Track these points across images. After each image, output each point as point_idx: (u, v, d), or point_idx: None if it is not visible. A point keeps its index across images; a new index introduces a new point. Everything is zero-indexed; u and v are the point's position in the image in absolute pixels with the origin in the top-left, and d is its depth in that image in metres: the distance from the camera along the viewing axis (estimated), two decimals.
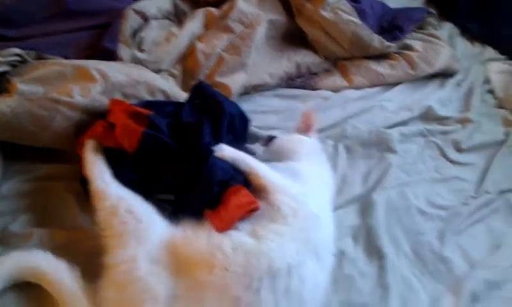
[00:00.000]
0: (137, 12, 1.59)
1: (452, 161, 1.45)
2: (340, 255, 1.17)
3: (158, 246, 0.99)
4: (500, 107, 1.66)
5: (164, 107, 1.28)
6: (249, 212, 1.03)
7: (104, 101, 1.29)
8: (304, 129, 1.33)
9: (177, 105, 1.30)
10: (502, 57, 1.86)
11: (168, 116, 1.24)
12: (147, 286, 0.93)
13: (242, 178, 1.10)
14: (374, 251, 1.19)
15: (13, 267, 1.02)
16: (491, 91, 1.71)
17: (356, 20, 1.66)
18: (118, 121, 1.16)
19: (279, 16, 1.69)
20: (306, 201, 1.05)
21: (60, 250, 1.06)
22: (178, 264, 0.96)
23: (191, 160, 1.12)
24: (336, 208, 1.26)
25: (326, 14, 1.63)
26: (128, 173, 1.16)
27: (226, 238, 0.98)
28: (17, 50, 1.36)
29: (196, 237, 0.99)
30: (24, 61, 1.38)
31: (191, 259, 0.96)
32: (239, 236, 0.98)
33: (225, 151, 1.14)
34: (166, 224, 1.04)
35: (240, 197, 1.04)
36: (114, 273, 0.96)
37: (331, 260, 1.06)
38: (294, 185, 1.08)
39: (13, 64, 1.35)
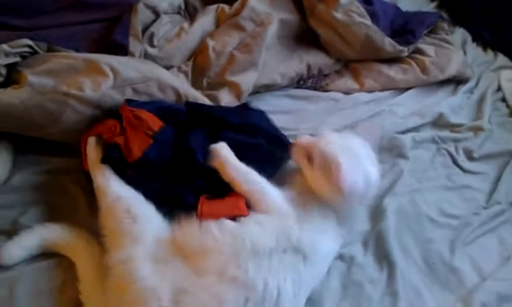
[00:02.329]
0: (148, 6, 1.57)
1: (463, 169, 1.43)
2: (350, 261, 1.17)
3: (157, 244, 1.00)
4: None
5: (178, 116, 1.26)
6: (235, 215, 1.05)
7: (114, 96, 1.28)
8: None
9: (191, 116, 1.28)
10: None
11: (179, 126, 1.22)
12: (148, 286, 0.93)
13: None
14: (383, 257, 1.18)
15: (37, 238, 1.09)
16: (503, 99, 1.69)
17: (369, 22, 1.64)
18: (127, 129, 1.17)
19: (291, 16, 1.67)
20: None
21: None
22: (179, 257, 0.98)
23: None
24: None
25: (338, 15, 1.61)
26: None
27: (211, 224, 1.01)
28: (28, 41, 1.34)
29: (189, 228, 1.02)
30: (34, 52, 1.36)
31: (188, 249, 0.99)
32: (223, 221, 1.02)
33: (222, 150, 1.14)
34: (164, 223, 1.05)
35: (237, 202, 1.08)
36: (114, 275, 0.97)
37: (323, 267, 1.08)
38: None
39: (23, 56, 1.34)
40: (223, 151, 1.14)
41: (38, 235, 1.09)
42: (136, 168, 1.13)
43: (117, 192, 1.08)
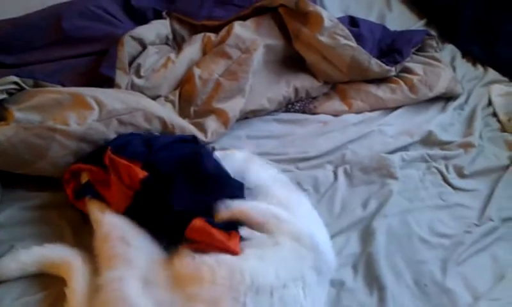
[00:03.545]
0: (134, 38, 1.59)
1: (454, 187, 1.41)
2: (339, 286, 1.14)
3: (150, 267, 1.01)
4: (504, 130, 1.63)
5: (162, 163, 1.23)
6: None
7: (99, 128, 1.29)
8: None
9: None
10: (504, 79, 1.83)
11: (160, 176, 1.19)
12: (136, 305, 0.94)
13: None
14: (374, 281, 1.16)
15: (34, 254, 1.10)
16: (494, 114, 1.68)
17: (354, 44, 1.65)
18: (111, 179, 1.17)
19: (276, 41, 1.68)
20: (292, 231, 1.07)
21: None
22: (171, 281, 0.99)
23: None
24: (336, 234, 1.23)
25: (323, 39, 1.62)
26: None
27: (206, 255, 1.00)
28: (14, 78, 1.36)
29: (184, 254, 1.02)
30: (21, 89, 1.38)
31: (181, 274, 0.99)
32: (220, 254, 1.01)
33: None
34: (157, 247, 1.07)
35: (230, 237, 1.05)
36: (103, 293, 0.98)
37: (325, 287, 1.07)
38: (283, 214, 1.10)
39: (9, 92, 1.36)
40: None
41: (35, 251, 1.11)
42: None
43: (112, 221, 1.11)
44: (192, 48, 1.66)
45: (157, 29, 1.70)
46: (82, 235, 1.18)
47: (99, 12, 1.70)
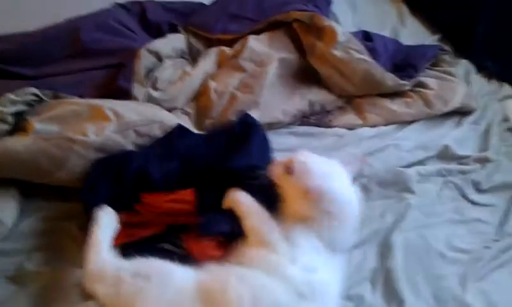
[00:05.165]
0: (151, 52, 1.61)
1: (472, 202, 1.40)
2: (358, 300, 1.14)
3: (181, 291, 0.98)
4: None
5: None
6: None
7: (117, 139, 1.31)
8: None
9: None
10: None
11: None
12: None
13: None
14: (393, 296, 1.15)
15: None
16: (510, 129, 1.67)
17: (368, 58, 1.65)
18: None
19: (290, 55, 1.69)
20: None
21: (73, 289, 1.08)
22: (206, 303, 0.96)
23: None
24: (353, 248, 1.22)
25: (337, 53, 1.63)
26: None
27: (229, 271, 1.00)
28: (34, 90, 1.39)
29: (208, 275, 1.01)
30: (40, 100, 1.40)
31: (212, 297, 0.96)
32: (239, 269, 1.01)
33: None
34: (183, 269, 1.03)
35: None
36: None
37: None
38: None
39: (29, 104, 1.37)
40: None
41: None
42: None
43: (116, 265, 1.05)
44: (208, 62, 1.68)
45: (173, 42, 1.72)
46: None
47: (116, 25, 1.73)
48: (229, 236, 1.12)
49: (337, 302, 1.06)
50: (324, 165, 1.14)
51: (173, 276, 1.00)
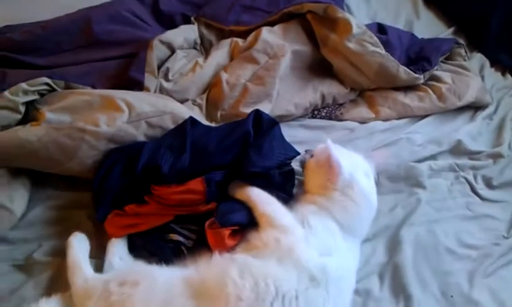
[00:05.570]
0: (163, 43, 1.61)
1: (483, 198, 1.39)
2: (366, 295, 1.14)
3: (170, 290, 0.98)
4: None
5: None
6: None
7: (128, 130, 1.31)
8: None
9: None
10: None
11: None
12: None
13: None
14: (400, 291, 1.15)
15: None
16: None
17: (382, 51, 1.63)
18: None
19: (304, 47, 1.68)
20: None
21: None
22: (198, 300, 0.96)
23: None
24: (362, 242, 1.22)
25: (351, 45, 1.61)
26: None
27: (232, 263, 0.99)
28: (46, 80, 1.39)
29: (206, 269, 1.01)
30: (52, 90, 1.41)
31: (207, 292, 0.96)
32: (243, 259, 1.00)
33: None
34: (170, 268, 1.05)
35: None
36: None
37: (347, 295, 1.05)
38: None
39: (41, 93, 1.39)
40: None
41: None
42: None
43: (102, 278, 1.06)
44: (220, 53, 1.67)
45: (186, 33, 1.71)
46: (106, 236, 1.20)
47: (129, 16, 1.72)
48: (245, 226, 1.12)
49: (351, 290, 1.07)
50: (350, 156, 1.23)
51: (159, 277, 1.01)
